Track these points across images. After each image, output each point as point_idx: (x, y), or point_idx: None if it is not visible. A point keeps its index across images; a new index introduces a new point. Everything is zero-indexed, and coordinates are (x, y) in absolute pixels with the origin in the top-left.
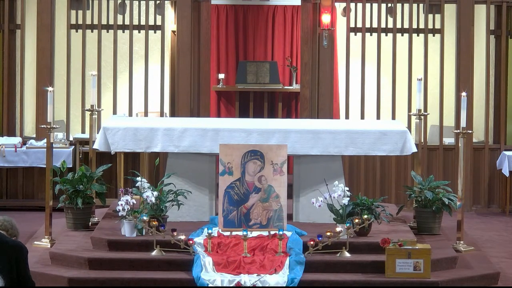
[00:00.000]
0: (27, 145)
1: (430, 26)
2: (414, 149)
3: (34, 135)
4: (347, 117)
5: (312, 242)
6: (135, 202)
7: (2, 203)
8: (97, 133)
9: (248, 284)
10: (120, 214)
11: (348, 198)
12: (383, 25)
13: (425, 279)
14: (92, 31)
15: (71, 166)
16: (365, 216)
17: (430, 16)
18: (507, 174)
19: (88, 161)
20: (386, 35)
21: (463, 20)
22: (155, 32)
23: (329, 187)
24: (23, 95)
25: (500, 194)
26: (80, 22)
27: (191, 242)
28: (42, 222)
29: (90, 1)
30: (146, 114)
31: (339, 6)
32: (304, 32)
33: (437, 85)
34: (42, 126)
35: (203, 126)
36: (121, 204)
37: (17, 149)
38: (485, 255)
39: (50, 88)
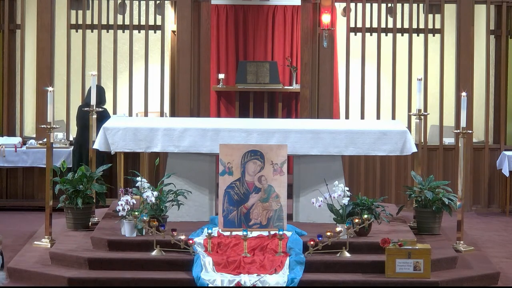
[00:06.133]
0: (27, 145)
1: (430, 26)
2: (414, 149)
3: (34, 135)
4: (347, 117)
5: (312, 242)
6: (135, 202)
7: (2, 203)
8: (97, 133)
9: (248, 284)
10: (120, 214)
11: (348, 198)
12: (383, 25)
13: (425, 279)
14: (92, 31)
15: (71, 166)
16: (365, 216)
17: (430, 16)
18: (507, 174)
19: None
20: (386, 35)
21: (463, 20)
22: (155, 32)
23: (329, 187)
24: (23, 95)
25: (500, 194)
26: (80, 22)
27: (191, 242)
28: (42, 222)
29: (90, 1)
30: (146, 114)
31: (339, 6)
32: (304, 32)
33: (437, 85)
34: (42, 126)
35: (203, 126)
36: (121, 204)
37: (17, 149)
38: (485, 255)
39: (50, 88)
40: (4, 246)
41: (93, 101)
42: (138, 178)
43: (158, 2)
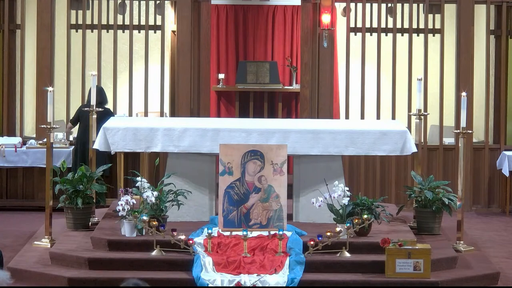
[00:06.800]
0: (27, 145)
1: (430, 26)
2: (414, 149)
3: (34, 135)
4: (347, 117)
5: (312, 242)
6: (135, 202)
7: (2, 203)
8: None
9: (248, 284)
10: (120, 214)
11: (348, 198)
12: (383, 25)
13: (425, 279)
14: (92, 31)
15: (71, 166)
16: (365, 216)
17: (430, 16)
18: (507, 174)
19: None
20: (386, 35)
21: (463, 20)
22: (155, 32)
23: (329, 187)
24: (23, 95)
25: (500, 194)
26: (80, 22)
27: (191, 242)
28: (42, 222)
29: (90, 1)
30: (146, 114)
31: (339, 6)
32: (304, 32)
33: (437, 85)
34: (42, 126)
35: (203, 126)
36: (121, 204)
37: (17, 149)
38: (485, 255)
39: (50, 88)
40: (4, 246)
41: (93, 101)
42: (138, 178)
43: (158, 2)
